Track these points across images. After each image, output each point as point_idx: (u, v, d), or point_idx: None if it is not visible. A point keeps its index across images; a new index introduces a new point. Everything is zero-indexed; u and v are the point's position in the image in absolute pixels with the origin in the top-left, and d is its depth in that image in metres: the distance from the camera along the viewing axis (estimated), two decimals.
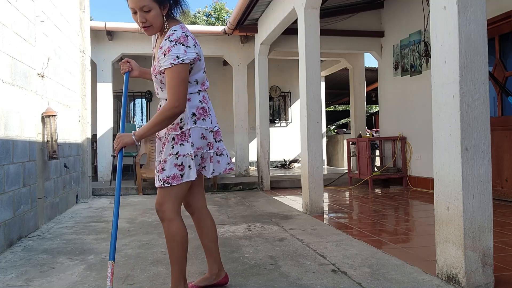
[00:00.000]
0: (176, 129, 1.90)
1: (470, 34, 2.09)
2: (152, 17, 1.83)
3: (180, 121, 1.90)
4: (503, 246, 2.88)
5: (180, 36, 1.81)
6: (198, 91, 1.95)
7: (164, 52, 1.80)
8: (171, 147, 1.89)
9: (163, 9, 1.85)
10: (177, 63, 1.77)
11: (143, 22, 1.84)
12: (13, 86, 3.25)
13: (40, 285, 2.29)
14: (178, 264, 1.93)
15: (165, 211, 1.91)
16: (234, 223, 3.94)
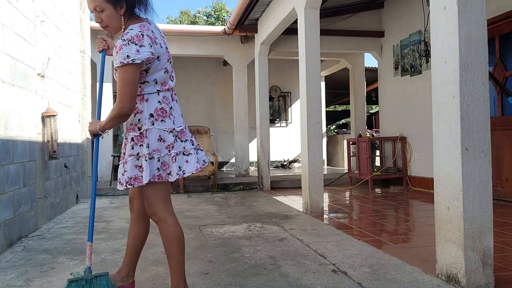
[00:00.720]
0: (135, 129, 1.87)
1: (470, 34, 2.09)
2: (106, 17, 1.84)
3: (138, 122, 1.87)
4: (503, 246, 2.88)
5: (134, 35, 1.77)
6: (158, 91, 1.89)
7: (117, 51, 1.77)
8: (131, 147, 1.87)
9: (119, 8, 1.84)
10: (127, 63, 1.74)
11: (99, 22, 1.86)
12: (13, 86, 3.25)
13: (40, 285, 2.29)
14: (177, 264, 1.91)
15: (156, 213, 1.91)
16: (234, 223, 3.94)
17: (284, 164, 10.07)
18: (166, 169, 1.89)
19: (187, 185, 6.61)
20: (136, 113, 1.87)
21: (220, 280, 2.31)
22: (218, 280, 2.31)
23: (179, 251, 1.93)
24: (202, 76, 9.79)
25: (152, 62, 1.84)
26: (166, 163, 1.88)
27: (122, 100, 1.76)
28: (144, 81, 1.86)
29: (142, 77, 1.85)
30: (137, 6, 1.89)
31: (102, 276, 1.86)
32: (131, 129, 1.88)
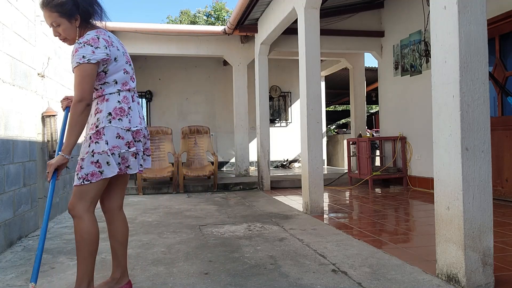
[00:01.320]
0: (93, 128, 1.93)
1: (470, 34, 2.09)
2: (63, 31, 1.94)
3: (97, 121, 1.94)
4: (503, 246, 2.88)
5: (90, 39, 1.88)
6: (118, 91, 1.97)
7: (73, 54, 1.87)
8: (87, 145, 1.93)
9: (74, 21, 1.94)
10: (83, 62, 1.83)
11: (58, 36, 1.96)
12: (13, 86, 3.25)
13: (40, 285, 2.29)
14: (84, 263, 1.90)
15: (75, 208, 1.91)
16: (234, 223, 3.94)
17: (284, 164, 10.07)
18: (125, 163, 1.99)
19: (187, 185, 6.62)
20: (96, 113, 1.94)
21: (220, 280, 2.31)
22: (218, 280, 2.31)
23: (89, 251, 1.91)
24: (202, 76, 9.79)
25: (109, 63, 1.93)
26: (125, 158, 1.98)
27: (81, 94, 1.83)
28: (104, 82, 1.95)
29: (102, 78, 1.94)
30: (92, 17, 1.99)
31: None
32: (90, 128, 1.94)
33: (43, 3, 1.90)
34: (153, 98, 9.51)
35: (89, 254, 1.91)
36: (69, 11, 1.90)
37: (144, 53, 7.48)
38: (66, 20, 1.92)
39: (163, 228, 3.75)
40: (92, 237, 1.92)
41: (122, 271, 2.13)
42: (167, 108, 9.55)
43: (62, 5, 1.89)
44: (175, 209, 4.79)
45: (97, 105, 1.95)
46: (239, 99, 7.67)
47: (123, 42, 7.24)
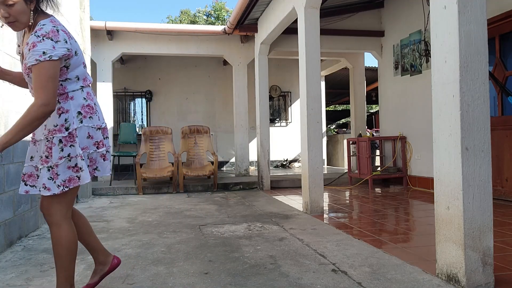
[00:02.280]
0: (62, 130, 1.79)
1: (470, 33, 2.09)
2: (16, 12, 1.68)
3: (65, 122, 1.80)
4: (503, 245, 2.88)
5: (49, 31, 1.69)
6: (81, 87, 1.87)
7: (29, 48, 1.68)
8: (60, 150, 1.78)
9: (29, 3, 1.72)
10: (44, 60, 1.65)
11: (6, 17, 1.69)
12: (13, 85, 3.24)
13: (40, 284, 2.30)
14: (64, 270, 1.84)
15: (52, 215, 1.82)
16: (234, 222, 3.94)
17: (284, 163, 10.07)
18: (93, 165, 1.90)
19: (187, 184, 6.62)
20: (61, 113, 1.80)
21: (220, 280, 2.31)
22: (218, 279, 2.31)
23: (69, 258, 1.85)
24: (202, 76, 9.79)
25: (70, 58, 1.79)
26: (93, 159, 1.90)
27: (46, 98, 1.65)
28: (66, 79, 1.81)
29: (63, 74, 1.79)
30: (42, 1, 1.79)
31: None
32: (56, 130, 1.79)
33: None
34: (153, 97, 9.51)
35: (69, 262, 1.85)
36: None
37: (144, 53, 7.48)
38: (23, 0, 1.69)
39: (163, 228, 3.75)
40: (72, 245, 1.86)
41: (103, 253, 2.14)
42: (167, 107, 9.56)
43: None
44: (175, 209, 4.79)
45: (59, 104, 1.80)
46: (239, 99, 7.67)
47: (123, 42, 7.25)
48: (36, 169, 1.85)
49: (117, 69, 9.01)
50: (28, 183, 1.86)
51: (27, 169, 1.87)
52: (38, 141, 1.86)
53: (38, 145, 1.86)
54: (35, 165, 1.86)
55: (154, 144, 6.98)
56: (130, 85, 9.36)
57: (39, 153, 1.85)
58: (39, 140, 1.85)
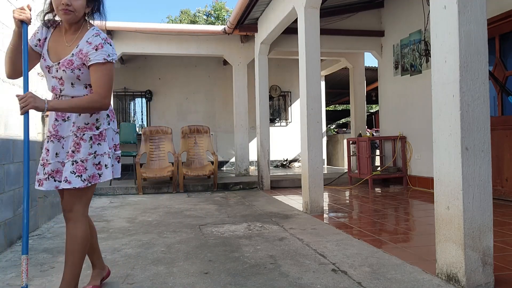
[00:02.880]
0: (93, 129, 1.92)
1: (470, 33, 2.09)
2: (78, 6, 1.85)
3: (96, 121, 1.93)
4: (503, 245, 2.88)
5: (106, 37, 1.91)
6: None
7: (96, 47, 1.84)
8: (89, 146, 1.90)
9: (89, 5, 1.91)
10: (110, 61, 1.85)
11: (68, 5, 1.83)
12: (13, 85, 3.25)
13: (41, 284, 2.30)
14: (74, 267, 1.89)
15: (73, 211, 1.90)
16: (234, 222, 3.94)
17: (284, 163, 10.07)
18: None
19: (187, 184, 6.62)
20: (93, 113, 1.92)
21: (220, 280, 2.31)
22: (218, 279, 2.32)
23: (83, 255, 1.92)
24: (202, 76, 9.79)
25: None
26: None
27: (107, 95, 1.84)
28: None
29: None
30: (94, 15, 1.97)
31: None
32: (87, 128, 1.91)
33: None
34: (153, 97, 9.51)
35: (80, 259, 1.89)
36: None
37: (144, 52, 7.47)
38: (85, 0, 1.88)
39: (163, 227, 3.75)
40: (86, 242, 1.91)
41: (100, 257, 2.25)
42: (167, 107, 9.55)
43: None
44: (175, 209, 4.79)
45: None
46: (239, 99, 7.67)
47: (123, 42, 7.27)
48: (62, 165, 1.91)
49: (117, 69, 9.01)
50: (57, 178, 1.93)
51: (54, 165, 1.92)
52: (63, 137, 1.92)
53: (64, 141, 1.92)
54: (61, 161, 1.92)
55: (154, 144, 6.98)
56: (130, 85, 9.36)
57: (65, 149, 1.92)
58: (66, 136, 1.92)
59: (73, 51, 1.87)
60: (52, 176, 1.92)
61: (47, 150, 1.94)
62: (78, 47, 1.86)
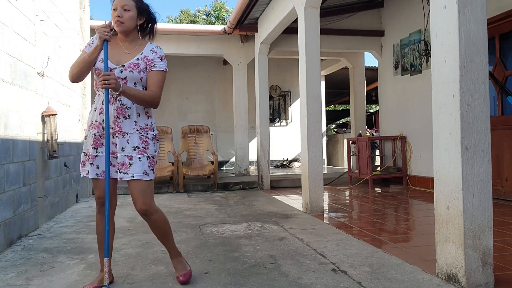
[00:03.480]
0: (151, 129, 2.23)
1: (470, 33, 2.09)
2: (128, 17, 2.14)
3: (151, 124, 2.24)
4: (503, 245, 2.88)
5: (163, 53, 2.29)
6: None
7: (161, 57, 2.23)
8: (153, 144, 2.21)
9: (138, 18, 2.20)
10: (166, 71, 2.25)
11: (119, 16, 2.12)
12: (13, 85, 3.24)
13: (40, 284, 2.30)
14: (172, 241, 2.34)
15: (151, 205, 2.19)
16: (234, 222, 3.94)
17: (284, 163, 10.07)
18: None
19: (187, 184, 6.62)
20: (148, 117, 2.23)
21: (220, 279, 2.31)
22: (218, 279, 2.32)
23: (171, 231, 2.35)
24: (202, 76, 9.78)
25: None
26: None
27: (160, 96, 2.20)
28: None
29: None
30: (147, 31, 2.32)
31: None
32: (148, 128, 2.20)
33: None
34: None
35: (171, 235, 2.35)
36: (142, 9, 2.20)
37: None
38: (136, 11, 2.17)
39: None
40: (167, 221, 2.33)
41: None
42: (166, 107, 9.55)
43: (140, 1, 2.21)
44: (175, 209, 4.79)
45: (146, 108, 2.21)
46: (239, 99, 7.66)
47: None
48: (130, 158, 2.11)
49: None
50: (122, 170, 2.11)
51: (121, 158, 2.12)
52: (128, 133, 2.14)
53: (129, 137, 2.13)
54: (128, 154, 2.11)
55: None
56: None
57: (130, 145, 2.13)
58: (130, 133, 2.14)
59: (137, 56, 2.17)
60: (118, 168, 2.12)
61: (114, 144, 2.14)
62: (143, 54, 2.19)
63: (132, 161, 2.10)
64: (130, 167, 2.09)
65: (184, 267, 2.31)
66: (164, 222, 2.27)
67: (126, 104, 2.13)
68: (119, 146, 2.12)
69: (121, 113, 2.13)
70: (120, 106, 2.12)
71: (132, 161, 2.10)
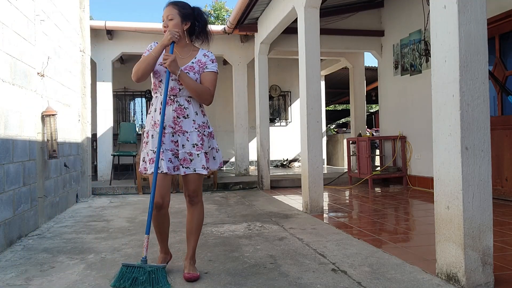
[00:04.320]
0: (207, 127, 2.43)
1: (470, 33, 2.09)
2: (172, 25, 2.33)
3: (207, 122, 2.45)
4: (503, 245, 2.88)
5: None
6: None
7: (212, 60, 2.42)
8: (208, 141, 2.40)
9: (184, 24, 2.37)
10: (217, 72, 2.44)
11: (165, 27, 2.35)
12: (13, 85, 3.24)
13: (40, 284, 2.30)
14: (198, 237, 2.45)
15: (199, 196, 2.41)
16: (234, 222, 3.94)
17: (284, 163, 10.07)
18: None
19: None
20: (204, 115, 2.45)
21: (220, 279, 2.31)
22: (218, 279, 2.31)
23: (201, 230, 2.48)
24: None
25: None
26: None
27: (213, 93, 2.39)
28: None
29: None
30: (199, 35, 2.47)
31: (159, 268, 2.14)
32: (204, 126, 2.40)
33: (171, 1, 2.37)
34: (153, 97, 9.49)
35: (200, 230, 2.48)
36: (185, 14, 2.36)
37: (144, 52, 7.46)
38: (180, 18, 2.34)
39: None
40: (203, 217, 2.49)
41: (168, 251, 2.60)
42: None
43: (183, 8, 2.37)
44: (175, 208, 4.78)
45: (201, 108, 2.44)
46: (239, 99, 7.66)
47: (123, 41, 7.26)
48: (190, 154, 2.31)
49: (117, 68, 9.01)
50: (184, 165, 2.32)
51: (182, 155, 2.32)
52: (187, 132, 2.33)
53: (189, 135, 2.32)
54: (188, 151, 2.32)
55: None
56: (130, 84, 9.36)
57: (190, 142, 2.32)
58: (189, 131, 2.33)
59: (192, 60, 2.38)
60: (181, 163, 2.32)
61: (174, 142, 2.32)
62: (197, 58, 2.39)
63: (192, 157, 2.31)
64: (191, 162, 2.31)
65: (194, 270, 2.36)
66: (202, 215, 2.45)
67: (183, 105, 2.34)
68: (180, 144, 2.32)
69: (180, 113, 2.33)
70: (178, 107, 2.33)
71: (192, 157, 2.31)
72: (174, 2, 2.37)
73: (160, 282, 2.08)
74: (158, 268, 2.12)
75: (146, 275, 2.08)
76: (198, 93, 2.32)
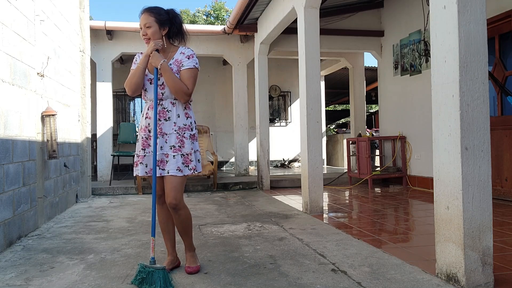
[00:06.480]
0: (189, 129, 2.39)
1: (470, 33, 2.09)
2: (151, 33, 2.37)
3: (190, 124, 2.41)
4: (503, 245, 2.88)
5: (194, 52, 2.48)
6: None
7: (188, 56, 2.40)
8: (190, 142, 2.37)
9: (162, 30, 2.40)
10: (197, 67, 2.42)
11: (144, 35, 2.40)
12: (13, 85, 3.24)
13: (40, 284, 2.29)
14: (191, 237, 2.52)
15: (180, 201, 2.36)
16: (234, 222, 3.94)
17: (284, 163, 10.07)
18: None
19: (187, 184, 6.61)
20: (187, 117, 2.41)
21: (219, 280, 2.31)
22: (218, 279, 2.31)
23: (191, 228, 2.53)
24: (202, 76, 9.78)
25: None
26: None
27: (190, 90, 2.36)
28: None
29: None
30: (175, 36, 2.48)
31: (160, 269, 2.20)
32: (186, 128, 2.38)
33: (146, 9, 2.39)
34: None
35: (191, 231, 2.52)
36: (162, 20, 2.39)
37: None
38: (157, 25, 2.37)
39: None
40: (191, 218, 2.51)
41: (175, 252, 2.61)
42: None
43: (159, 14, 2.39)
44: None
45: (185, 110, 2.41)
46: (239, 99, 7.66)
47: (122, 42, 7.25)
48: (166, 156, 2.33)
49: (117, 69, 9.00)
50: (160, 167, 2.34)
51: (159, 156, 2.35)
52: (166, 134, 2.35)
53: (167, 137, 2.35)
54: (165, 153, 2.34)
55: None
56: None
57: (168, 144, 2.34)
58: (168, 133, 2.35)
59: (170, 62, 2.39)
60: (158, 165, 2.34)
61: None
62: (174, 58, 2.40)
63: (168, 158, 2.33)
64: (166, 164, 2.32)
65: (195, 261, 2.49)
66: (188, 218, 2.45)
67: (167, 107, 2.36)
68: (159, 146, 2.35)
69: (162, 115, 2.36)
70: (162, 110, 2.36)
71: (168, 159, 2.33)
72: (149, 9, 2.39)
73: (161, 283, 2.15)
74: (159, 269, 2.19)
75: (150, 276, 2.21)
76: (176, 89, 2.33)
